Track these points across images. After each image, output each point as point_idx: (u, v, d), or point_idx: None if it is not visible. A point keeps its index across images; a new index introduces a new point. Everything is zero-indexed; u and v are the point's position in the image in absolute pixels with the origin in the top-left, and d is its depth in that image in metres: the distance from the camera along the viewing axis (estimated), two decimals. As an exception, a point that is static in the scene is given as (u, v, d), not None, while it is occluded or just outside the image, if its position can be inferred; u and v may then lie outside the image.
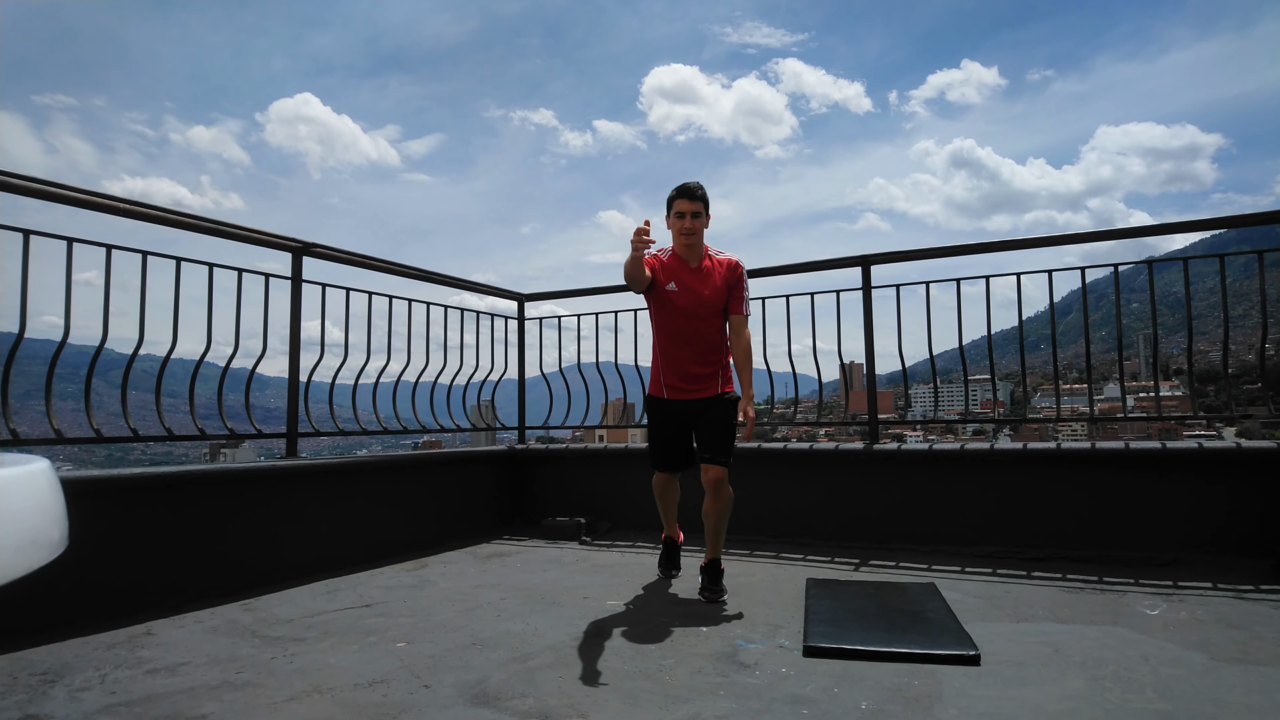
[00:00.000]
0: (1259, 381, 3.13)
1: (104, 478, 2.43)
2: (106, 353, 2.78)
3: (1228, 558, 2.86)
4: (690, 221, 2.64)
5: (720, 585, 2.63)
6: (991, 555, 3.16)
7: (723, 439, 2.63)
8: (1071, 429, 26.45)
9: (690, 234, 2.65)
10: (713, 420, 2.66)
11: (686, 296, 2.66)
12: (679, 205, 2.64)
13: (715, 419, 2.66)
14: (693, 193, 2.63)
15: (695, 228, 2.65)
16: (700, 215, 2.65)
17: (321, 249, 3.34)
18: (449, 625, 2.30)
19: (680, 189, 2.65)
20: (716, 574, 2.65)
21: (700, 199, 2.64)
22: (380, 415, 3.83)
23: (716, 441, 2.63)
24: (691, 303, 2.66)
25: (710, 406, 2.69)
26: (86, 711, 1.64)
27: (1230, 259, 3.13)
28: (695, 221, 2.64)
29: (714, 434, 2.65)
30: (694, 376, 2.70)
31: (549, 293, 5.02)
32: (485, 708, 1.64)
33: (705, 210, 2.67)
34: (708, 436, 2.66)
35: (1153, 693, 1.66)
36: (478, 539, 3.92)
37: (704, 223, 2.68)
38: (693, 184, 2.64)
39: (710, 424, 2.66)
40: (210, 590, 2.65)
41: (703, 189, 2.66)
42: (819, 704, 1.63)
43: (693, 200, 2.63)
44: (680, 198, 2.64)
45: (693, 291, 2.66)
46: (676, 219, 2.66)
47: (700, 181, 2.67)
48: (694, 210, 2.63)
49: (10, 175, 2.29)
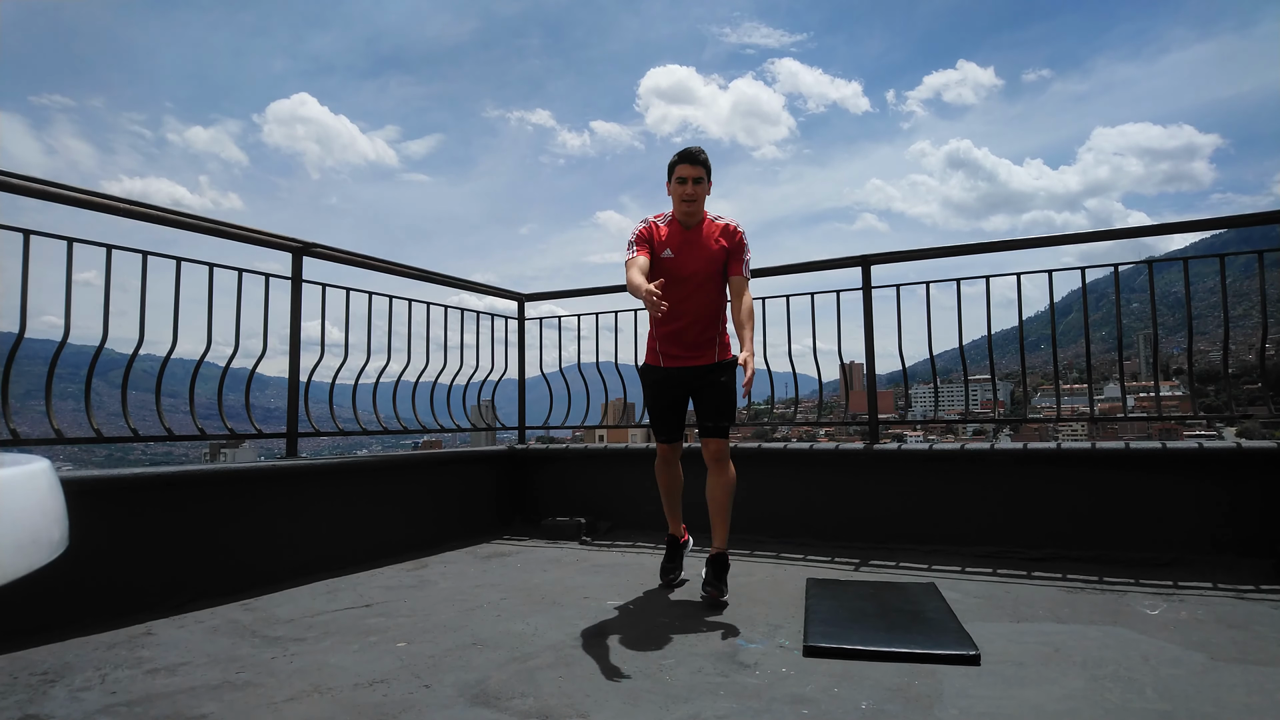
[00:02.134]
0: (1259, 381, 3.13)
1: (104, 478, 2.43)
2: (106, 353, 2.79)
3: (1228, 557, 2.86)
4: (692, 187, 2.57)
5: (724, 582, 2.53)
6: (992, 555, 3.16)
7: (722, 405, 2.56)
8: (1072, 429, 26.45)
9: (691, 200, 2.58)
10: (713, 386, 2.59)
11: (684, 264, 2.60)
12: (680, 170, 2.57)
13: (714, 384, 2.59)
14: (694, 157, 2.56)
15: (696, 194, 2.58)
16: (702, 181, 2.58)
17: (321, 249, 3.35)
18: (449, 625, 2.30)
19: (682, 153, 2.58)
20: (722, 568, 2.55)
21: (702, 164, 2.57)
22: (380, 415, 3.83)
23: (715, 408, 2.56)
24: (689, 269, 2.60)
25: (709, 373, 2.62)
26: (87, 711, 1.64)
27: (1230, 259, 3.13)
28: (697, 188, 2.57)
29: (713, 400, 2.58)
30: (691, 344, 2.64)
31: (549, 293, 5.03)
32: (485, 708, 1.64)
33: (707, 176, 2.61)
34: (707, 403, 2.59)
35: (1153, 693, 1.66)
36: (478, 539, 3.92)
37: (705, 189, 2.61)
38: (695, 148, 2.58)
39: (709, 390, 2.59)
40: (210, 590, 2.65)
41: (704, 154, 2.58)
42: (819, 704, 1.63)
43: (694, 165, 2.56)
44: (682, 163, 2.57)
45: (690, 257, 2.61)
46: (678, 184, 2.59)
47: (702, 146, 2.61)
48: (695, 176, 2.56)
49: (10, 175, 2.29)
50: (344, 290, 3.54)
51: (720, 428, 2.59)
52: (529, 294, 4.85)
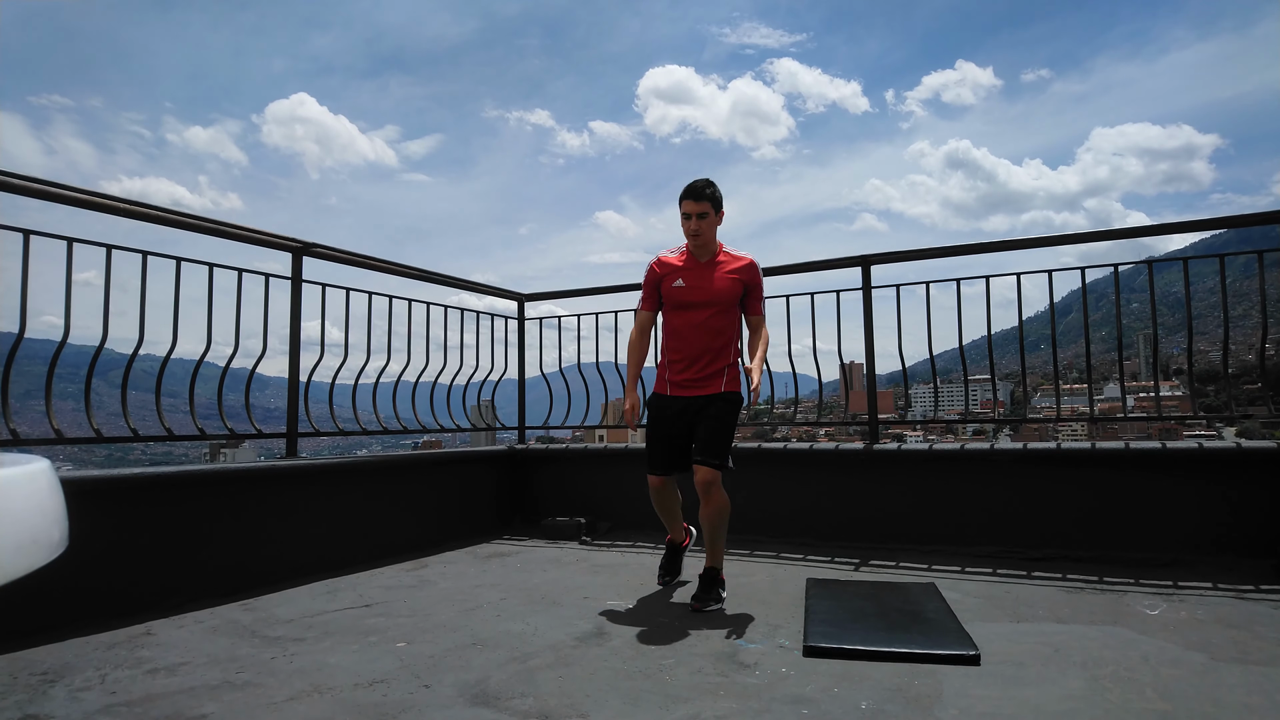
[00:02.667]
0: (1259, 381, 3.13)
1: (104, 478, 2.43)
2: (106, 353, 2.78)
3: (1228, 558, 2.86)
4: (696, 223, 2.59)
5: (711, 594, 2.51)
6: (991, 555, 3.16)
7: (716, 437, 2.53)
8: (1071, 429, 26.45)
9: (697, 235, 2.61)
10: (710, 418, 2.58)
11: (694, 292, 2.63)
12: (684, 207, 2.60)
13: (712, 416, 2.58)
14: (698, 193, 2.57)
15: (701, 228, 2.59)
16: (706, 215, 2.59)
17: (321, 249, 3.34)
18: (449, 625, 2.30)
19: (686, 189, 2.60)
20: (710, 583, 2.54)
21: (706, 198, 2.58)
22: (380, 415, 3.83)
23: (709, 440, 2.53)
24: (699, 297, 2.62)
25: (710, 403, 2.61)
26: (87, 711, 1.64)
27: (1229, 259, 3.13)
28: (701, 222, 2.59)
29: (708, 431, 2.55)
30: (699, 373, 2.64)
31: (549, 293, 5.03)
32: (485, 708, 1.64)
33: (714, 209, 2.61)
34: (702, 433, 2.56)
35: (1153, 693, 1.66)
36: (478, 539, 3.92)
37: (712, 221, 2.61)
38: (699, 182, 2.58)
39: (706, 421, 2.58)
40: (210, 590, 2.65)
41: (711, 186, 2.59)
42: (819, 704, 1.63)
43: (698, 201, 2.57)
44: (685, 199, 2.60)
45: (700, 287, 2.63)
46: (684, 220, 2.62)
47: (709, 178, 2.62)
48: (699, 211, 2.58)
49: (10, 175, 2.29)
50: (344, 290, 3.54)
51: (713, 462, 2.52)
52: (529, 294, 4.85)
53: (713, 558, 2.60)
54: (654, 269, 2.73)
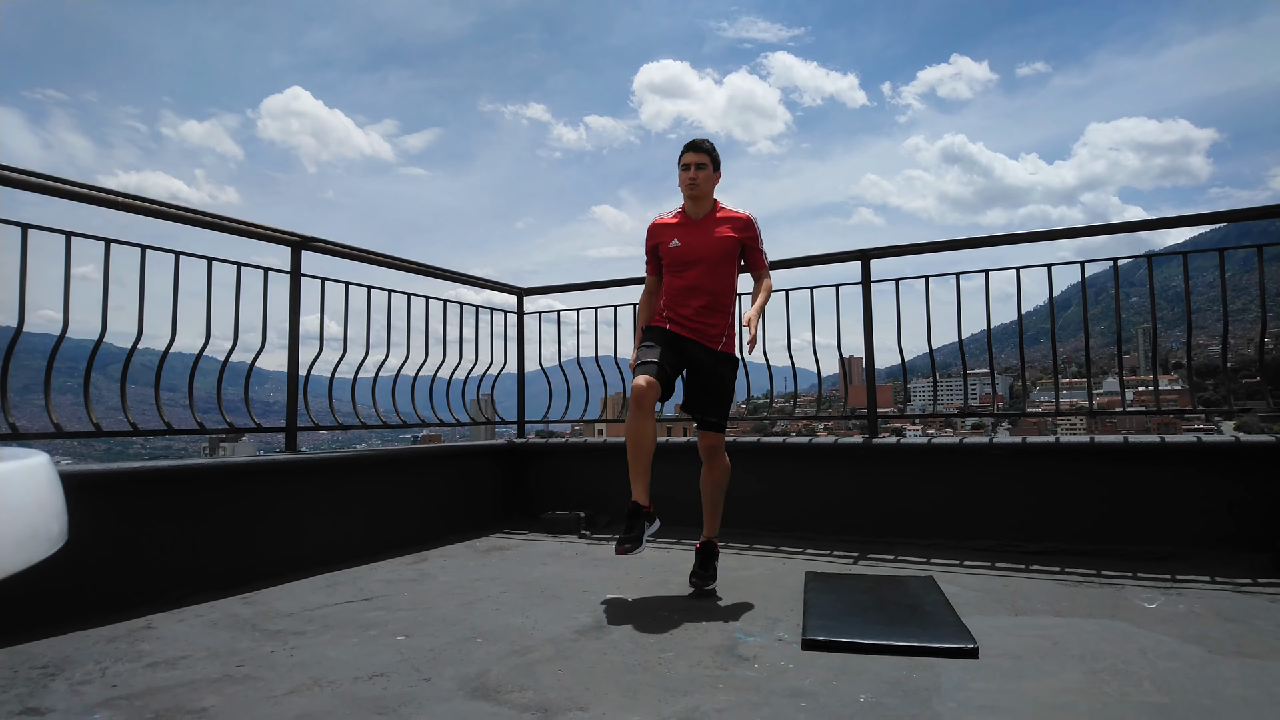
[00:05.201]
0: (1258, 375, 3.13)
1: (103, 472, 2.43)
2: (105, 347, 2.78)
3: (1226, 551, 2.87)
4: (694, 172, 2.63)
5: (711, 569, 2.58)
6: (990, 549, 3.17)
7: (719, 401, 2.61)
8: (1070, 423, 26.47)
9: (694, 184, 2.63)
10: (712, 379, 2.63)
11: (691, 249, 2.65)
12: (684, 158, 2.65)
13: (715, 378, 2.63)
14: (698, 146, 2.64)
15: (698, 178, 2.63)
16: (705, 167, 2.63)
17: (320, 243, 3.34)
18: (449, 619, 2.31)
19: (687, 143, 2.67)
20: (709, 555, 2.61)
21: (705, 151, 2.64)
22: (380, 409, 3.83)
23: (713, 403, 2.61)
24: (695, 254, 2.64)
25: (712, 362, 2.63)
26: (87, 705, 1.64)
27: (1229, 253, 3.13)
28: (699, 173, 2.63)
29: (711, 395, 2.62)
30: (698, 324, 2.66)
31: (548, 287, 5.02)
32: (485, 701, 1.64)
33: (713, 165, 2.66)
34: (705, 397, 2.63)
35: (1150, 686, 1.67)
36: (477, 533, 3.92)
37: (709, 176, 2.66)
38: (700, 138, 2.67)
39: (708, 383, 2.63)
40: (210, 584, 2.65)
41: (710, 143, 2.67)
42: (818, 697, 1.64)
43: (697, 152, 2.63)
44: (686, 151, 2.66)
45: (697, 243, 2.65)
46: (682, 170, 2.66)
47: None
48: (698, 161, 2.62)
49: (8, 169, 2.28)
50: (343, 284, 3.53)
51: (719, 424, 2.63)
52: (528, 288, 4.85)
53: (711, 527, 2.66)
54: (651, 234, 2.79)
